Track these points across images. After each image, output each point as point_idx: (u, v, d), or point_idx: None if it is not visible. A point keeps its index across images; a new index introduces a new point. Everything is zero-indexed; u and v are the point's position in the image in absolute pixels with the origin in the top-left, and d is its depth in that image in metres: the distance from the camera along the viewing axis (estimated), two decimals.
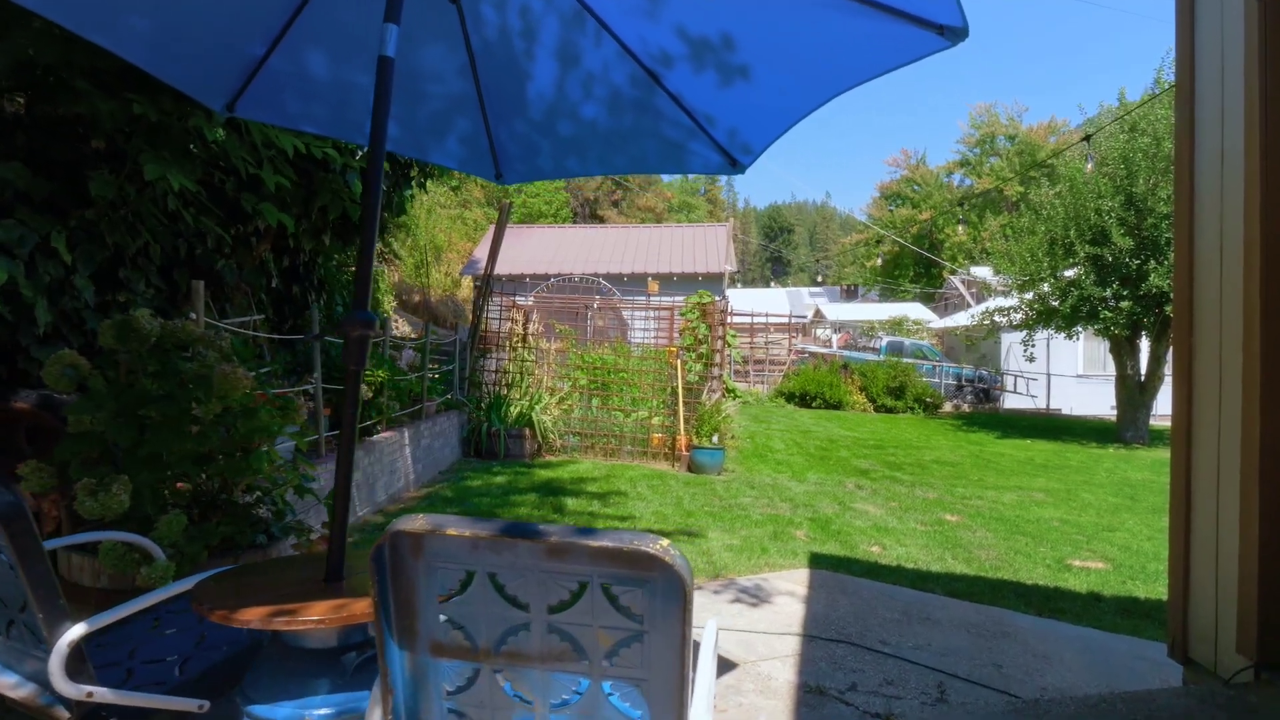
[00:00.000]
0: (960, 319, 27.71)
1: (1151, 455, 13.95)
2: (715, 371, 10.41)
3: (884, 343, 22.79)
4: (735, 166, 3.03)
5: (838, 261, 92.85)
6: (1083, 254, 14.48)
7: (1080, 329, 15.94)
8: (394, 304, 12.64)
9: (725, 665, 3.53)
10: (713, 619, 1.85)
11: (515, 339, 12.21)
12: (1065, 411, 21.77)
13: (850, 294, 54.72)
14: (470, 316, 10.60)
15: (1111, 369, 23.00)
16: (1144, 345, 15.76)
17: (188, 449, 2.79)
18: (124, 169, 4.20)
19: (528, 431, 9.65)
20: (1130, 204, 14.10)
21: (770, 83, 2.59)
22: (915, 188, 52.18)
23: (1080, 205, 14.73)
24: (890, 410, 19.12)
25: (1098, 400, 22.27)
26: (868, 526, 7.05)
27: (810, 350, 22.04)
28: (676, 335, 11.32)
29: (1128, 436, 15.46)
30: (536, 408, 9.86)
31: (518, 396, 10.28)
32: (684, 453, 9.75)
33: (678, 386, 10.06)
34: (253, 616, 1.68)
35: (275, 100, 3.09)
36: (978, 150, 51.01)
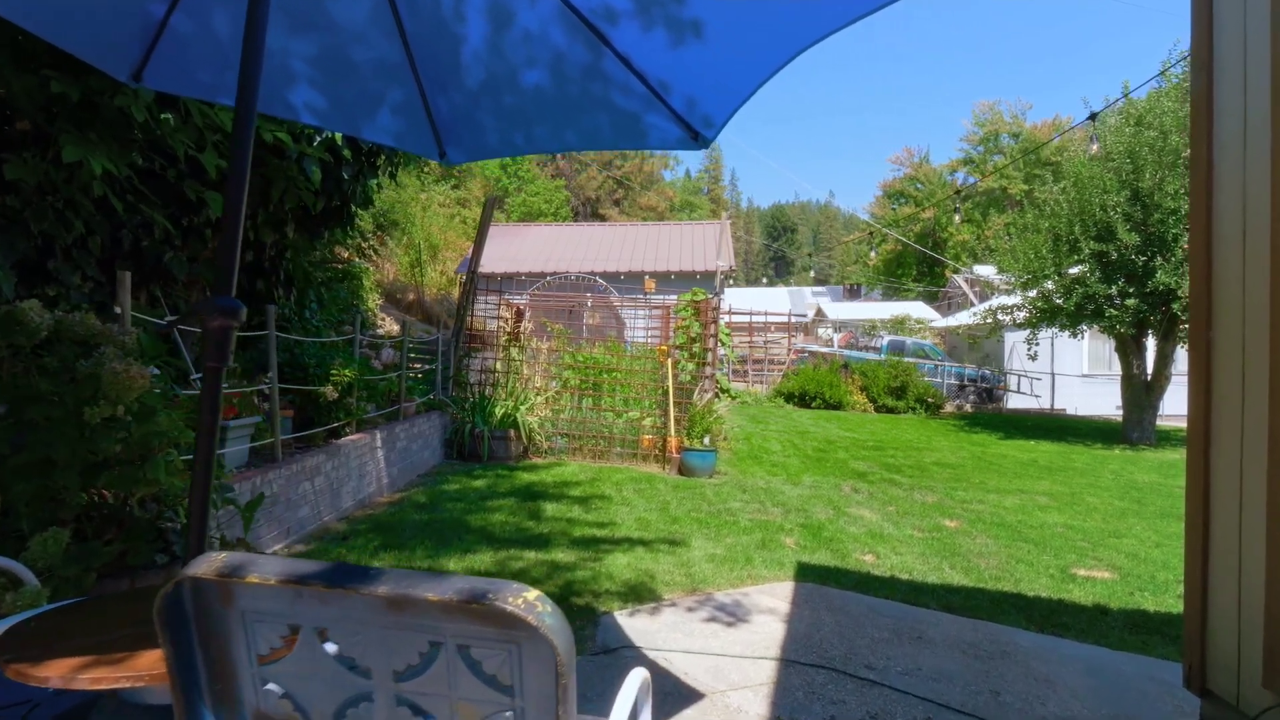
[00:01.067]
0: (963, 318, 27.34)
1: (1158, 457, 13.57)
2: (708, 371, 10.08)
3: (885, 342, 22.41)
4: (697, 140, 2.70)
5: (840, 261, 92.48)
6: (1088, 250, 14.10)
7: (1085, 327, 15.58)
8: (379, 301, 12.33)
9: (690, 696, 3.20)
10: (639, 670, 1.52)
11: (505, 337, 11.91)
12: (1070, 412, 21.39)
13: (853, 293, 54.31)
14: (466, 315, 10.30)
15: (1117, 368, 22.63)
16: (1150, 344, 15.38)
17: (77, 456, 2.48)
18: (49, 152, 3.88)
19: (513, 433, 9.33)
20: (1136, 199, 13.73)
21: (726, 40, 2.26)
22: (918, 186, 51.78)
23: (1085, 201, 14.35)
24: (891, 411, 18.76)
25: (1102, 400, 21.88)
26: (862, 533, 6.70)
27: (810, 349, 21.68)
28: (672, 334, 11.00)
29: (1134, 437, 15.09)
30: (522, 408, 9.53)
31: (504, 396, 9.97)
32: (674, 455, 9.42)
33: (668, 386, 9.73)
34: (56, 671, 1.35)
35: (184, 68, 2.78)
36: (981, 148, 50.59)
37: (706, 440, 9.28)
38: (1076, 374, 22.03)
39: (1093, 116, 13.37)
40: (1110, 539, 7.20)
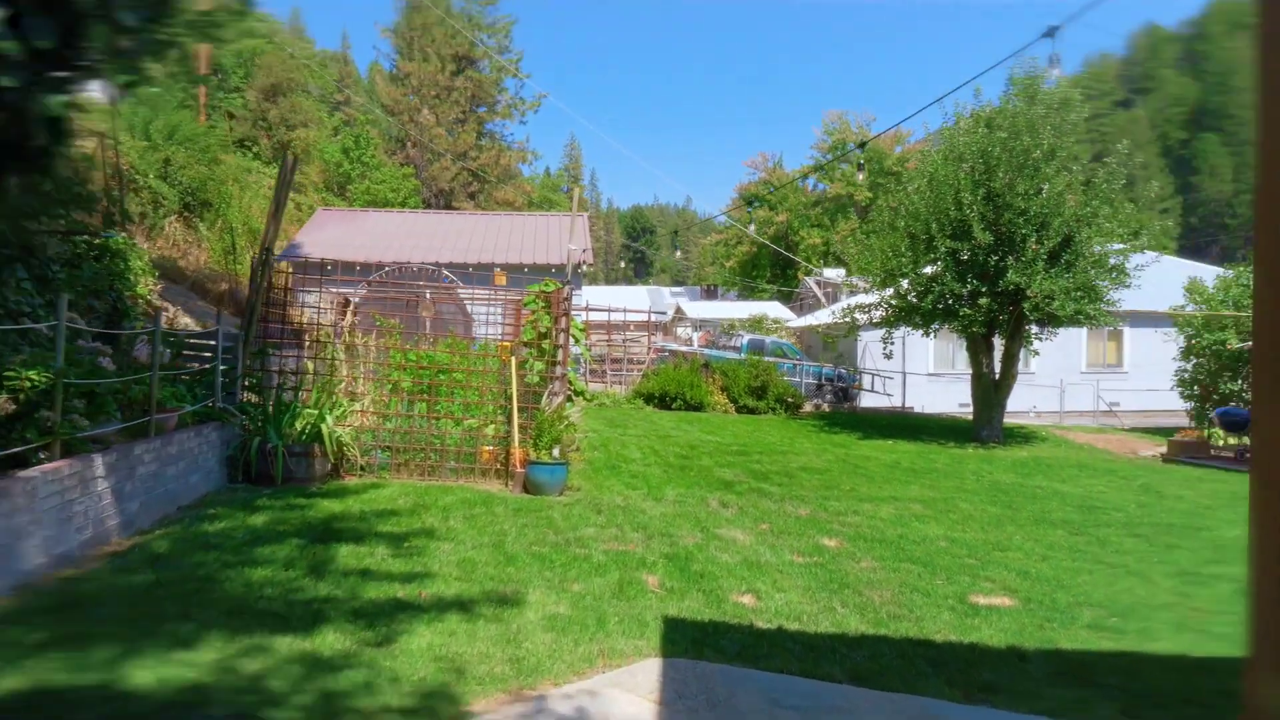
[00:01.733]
0: (821, 317, 27.63)
1: (1009, 455, 13.67)
2: (559, 371, 8.77)
3: (745, 341, 22.02)
4: None
5: (697, 262, 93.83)
6: (944, 249, 14.02)
7: (936, 326, 15.59)
8: (156, 286, 10.06)
9: None
10: None
11: (324, 332, 10.04)
12: (918, 409, 21.86)
13: (710, 293, 54.77)
14: (258, 303, 8.37)
15: (961, 367, 23.42)
16: (998, 344, 15.62)
17: None
18: None
19: (317, 448, 7.60)
20: (989, 199, 13.77)
21: None
22: (773, 190, 52.92)
23: (940, 199, 14.29)
24: (752, 411, 18.24)
25: (947, 398, 22.54)
26: (736, 563, 5.64)
27: (671, 349, 20.88)
28: (520, 329, 9.59)
29: (984, 435, 15.24)
30: (330, 416, 7.81)
31: (312, 403, 8.20)
32: (519, 469, 8.05)
33: (512, 390, 8.32)
34: None
35: None
36: (830, 155, 52.39)
37: (556, 451, 7.97)
38: (924, 373, 22.57)
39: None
40: (995, 553, 6.57)
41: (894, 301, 15.37)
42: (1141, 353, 22.71)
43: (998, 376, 15.50)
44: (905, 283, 15.10)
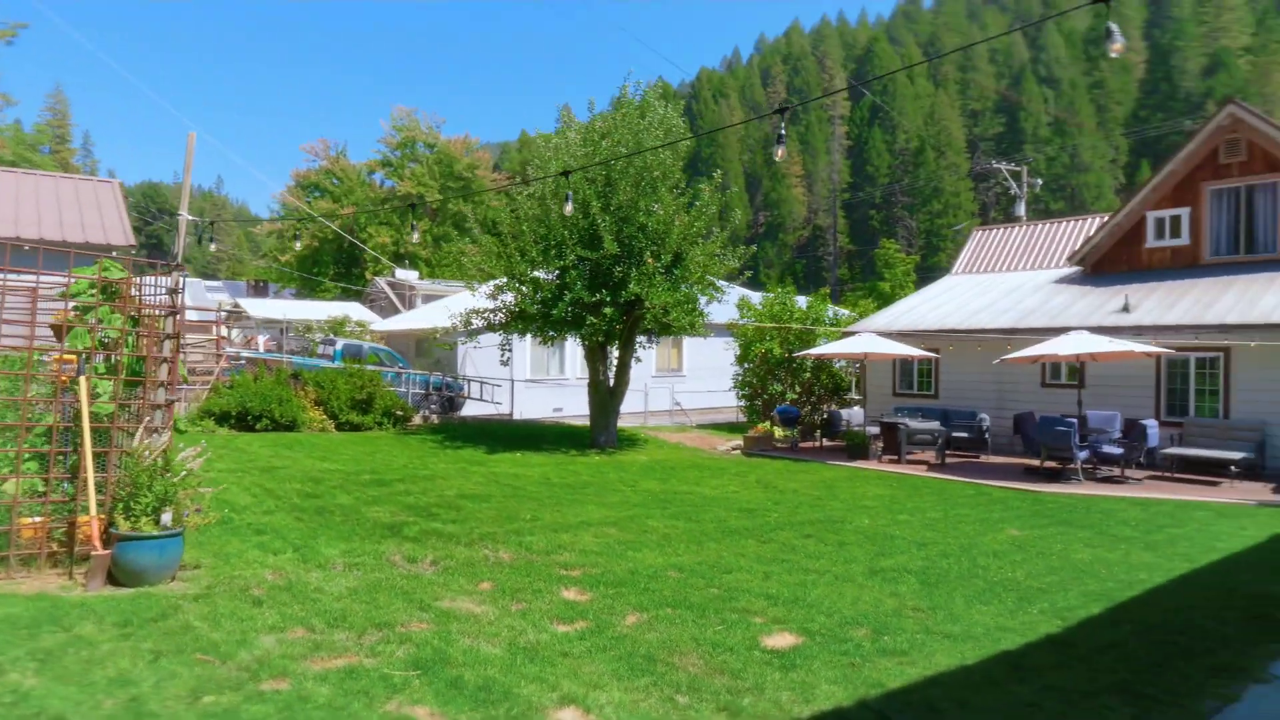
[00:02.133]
0: (414, 320, 25.87)
1: (633, 460, 14.17)
2: (160, 396, 6.03)
3: (339, 347, 19.32)
4: None
5: (231, 254, 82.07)
6: (573, 256, 13.94)
7: (553, 334, 15.49)
8: None
9: None
10: None
11: None
12: (518, 416, 21.82)
13: (261, 290, 48.08)
14: None
15: (555, 373, 24.12)
16: (614, 352, 16.18)
17: None
18: None
19: None
20: (609, 210, 14.08)
21: None
22: (335, 181, 48.67)
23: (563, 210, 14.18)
24: (356, 427, 15.96)
25: (544, 403, 23.00)
26: (503, 654, 4.29)
27: (247, 356, 17.22)
28: (65, 338, 6.40)
29: (601, 441, 15.63)
30: None
31: None
32: (99, 550, 5.28)
33: (84, 427, 5.43)
34: None
35: None
36: (399, 153, 50.30)
37: (167, 517, 5.42)
38: (522, 379, 22.62)
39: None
40: (724, 578, 6.33)
41: (522, 306, 14.79)
42: (696, 359, 26.16)
43: (613, 384, 16.05)
44: (525, 288, 14.66)
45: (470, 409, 20.87)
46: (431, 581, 5.76)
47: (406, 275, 40.76)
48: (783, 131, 7.59)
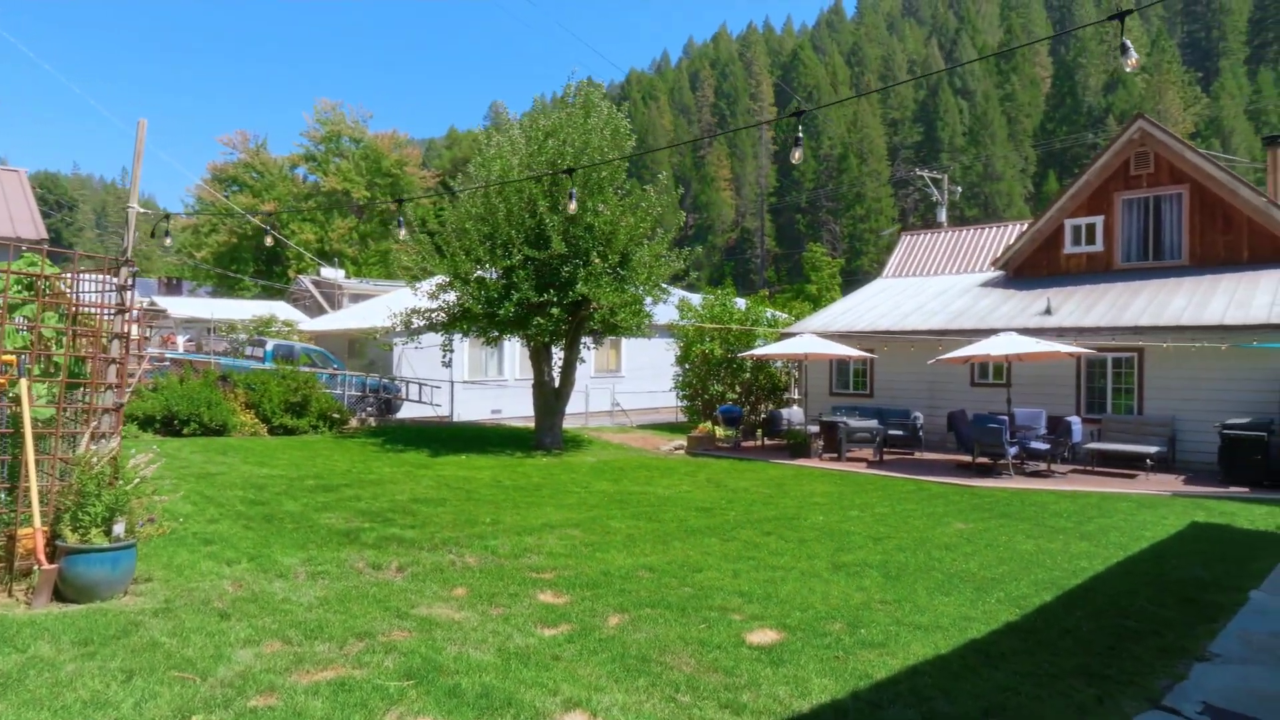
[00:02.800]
0: (344, 320, 25.08)
1: (581, 461, 14.12)
2: (106, 400, 5.66)
3: (269, 347, 18.54)
4: None
5: (140, 249, 77.99)
6: (520, 256, 13.79)
7: (515, 335, 15.29)
8: None
9: None
10: None
11: None
12: (457, 418, 21.44)
13: (174, 288, 45.75)
14: None
15: (494, 374, 23.80)
16: (557, 353, 16.07)
17: None
18: None
19: None
20: (556, 210, 14.00)
21: None
22: (255, 175, 46.73)
23: (515, 205, 14.05)
24: (291, 431, 15.37)
25: (481, 405, 22.67)
26: (495, 660, 4.23)
27: (172, 357, 16.36)
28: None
29: (547, 443, 15.51)
30: None
31: None
32: (44, 565, 4.94)
33: (25, 433, 5.07)
34: None
35: None
36: (324, 147, 48.67)
37: (120, 528, 5.12)
38: (459, 380, 22.23)
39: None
40: (695, 576, 6.39)
41: (467, 306, 14.50)
42: (635, 360, 26.26)
43: (558, 384, 15.95)
44: (470, 288, 14.43)
45: (408, 411, 20.39)
46: (403, 589, 5.62)
47: (333, 274, 39.52)
48: (800, 135, 7.61)
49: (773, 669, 4.30)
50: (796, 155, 7.53)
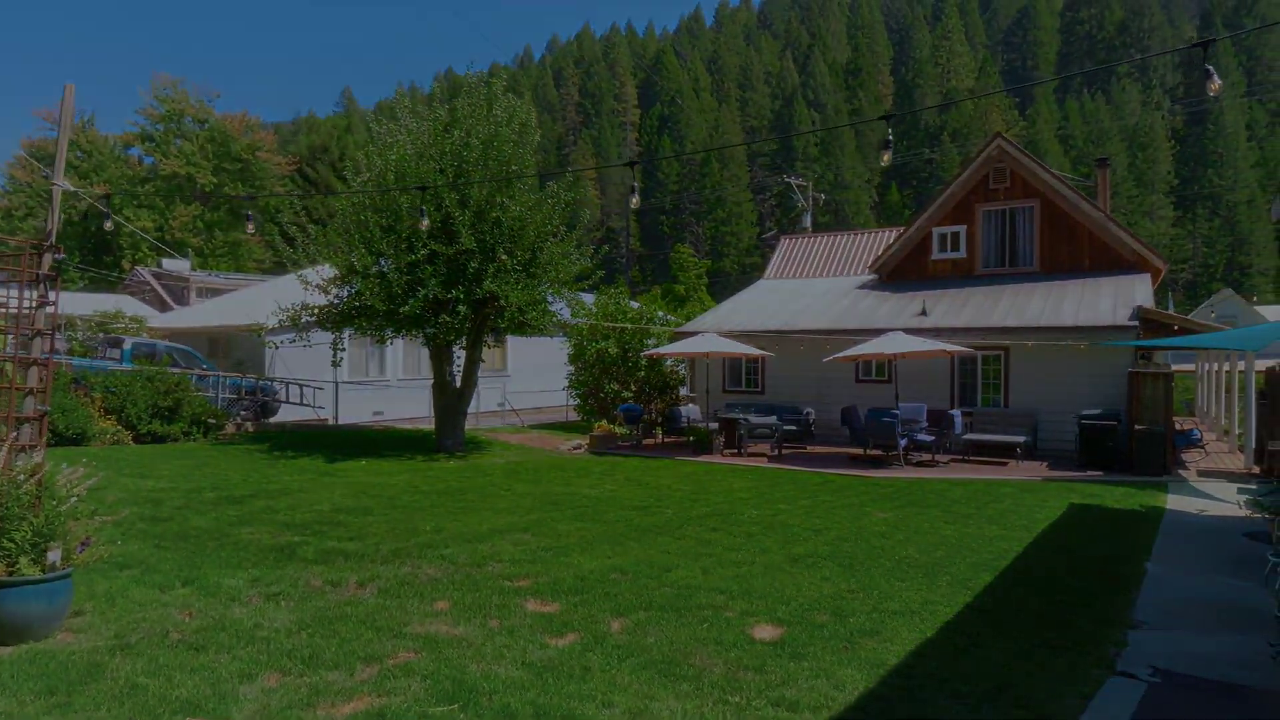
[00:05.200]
0: (200, 316, 22.95)
1: (488, 463, 13.77)
2: (26, 407, 4.88)
3: (128, 346, 16.62)
4: None
5: None
6: (425, 251, 13.21)
7: (415, 333, 14.58)
8: None
9: None
10: None
11: None
12: (338, 421, 20.24)
13: None
14: None
15: (374, 374, 22.64)
16: (459, 353, 15.56)
17: None
18: None
19: None
20: (464, 205, 13.56)
21: None
22: (81, 154, 41.80)
23: (414, 199, 13.43)
24: (161, 438, 13.90)
25: (363, 407, 21.53)
26: (524, 677, 4.06)
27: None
28: None
29: (449, 445, 14.98)
30: None
31: None
32: None
33: None
34: None
35: None
36: (162, 126, 44.30)
37: (55, 555, 4.47)
38: (340, 381, 21.00)
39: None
40: (667, 575, 6.43)
41: (368, 301, 13.66)
42: (521, 359, 25.85)
43: (460, 384, 15.44)
44: (371, 282, 13.66)
45: (286, 413, 19.01)
46: (381, 606, 5.27)
47: (177, 265, 36.18)
48: (889, 138, 7.73)
49: (795, 663, 4.41)
50: (886, 157, 7.61)
